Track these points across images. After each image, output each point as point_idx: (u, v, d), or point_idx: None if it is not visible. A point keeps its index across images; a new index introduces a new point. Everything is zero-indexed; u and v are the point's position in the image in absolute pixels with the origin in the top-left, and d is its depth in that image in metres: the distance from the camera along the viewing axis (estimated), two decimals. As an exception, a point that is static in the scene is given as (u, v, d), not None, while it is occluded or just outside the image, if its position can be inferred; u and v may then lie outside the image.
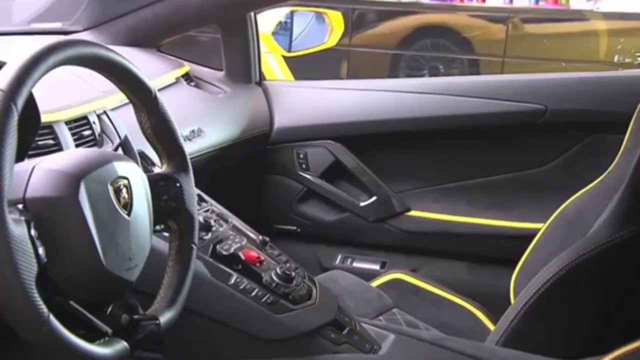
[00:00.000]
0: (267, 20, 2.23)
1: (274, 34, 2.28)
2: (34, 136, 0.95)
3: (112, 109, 1.31)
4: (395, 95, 1.90)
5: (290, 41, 2.19)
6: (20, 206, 0.75)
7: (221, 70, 1.92)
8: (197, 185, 1.01)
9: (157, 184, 0.94)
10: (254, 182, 1.98)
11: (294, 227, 1.96)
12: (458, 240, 1.85)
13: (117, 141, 1.22)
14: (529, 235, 1.44)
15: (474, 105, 1.80)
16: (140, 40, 1.73)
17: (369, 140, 1.91)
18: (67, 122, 1.18)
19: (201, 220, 1.19)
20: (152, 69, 1.65)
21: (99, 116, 1.27)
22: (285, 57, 2.60)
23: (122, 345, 0.80)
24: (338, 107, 1.92)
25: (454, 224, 1.84)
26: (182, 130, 1.05)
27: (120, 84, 0.91)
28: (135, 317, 0.86)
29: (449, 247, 1.87)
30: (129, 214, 0.84)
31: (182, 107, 1.61)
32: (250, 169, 1.96)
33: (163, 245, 0.99)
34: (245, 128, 1.81)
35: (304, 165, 1.93)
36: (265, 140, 1.91)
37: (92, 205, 0.79)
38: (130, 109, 0.95)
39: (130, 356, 0.83)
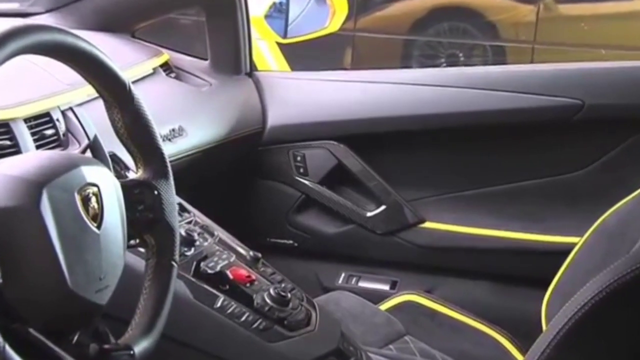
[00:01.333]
0: (259, 1, 2.24)
1: (266, 17, 2.30)
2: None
3: (79, 105, 1.32)
4: (408, 89, 1.91)
5: (286, 26, 2.20)
6: (-30, 218, 0.75)
7: (206, 59, 1.93)
8: (178, 193, 1.01)
9: (132, 192, 0.94)
10: (244, 188, 1.99)
11: (290, 241, 1.98)
12: (480, 256, 1.87)
13: (84, 142, 1.23)
14: (563, 251, 1.42)
15: (499, 100, 1.81)
16: (112, 24, 1.75)
17: (376, 140, 1.92)
18: (27, 120, 1.18)
19: (183, 233, 1.20)
20: (126, 57, 1.66)
21: (63, 113, 1.28)
22: (280, 44, 2.58)
23: (89, 379, 0.80)
24: (341, 101, 1.94)
25: (476, 238, 1.85)
26: (160, 129, 1.05)
27: (89, 75, 0.91)
28: (106, 346, 0.86)
29: (470, 265, 1.88)
30: (98, 227, 0.84)
31: (160, 102, 1.62)
32: (240, 174, 1.97)
33: (138, 263, 1.00)
34: (233, 126, 1.82)
35: (301, 169, 1.94)
36: (256, 140, 1.92)
37: (55, 216, 0.79)
38: (100, 105, 0.96)
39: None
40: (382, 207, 1.91)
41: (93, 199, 0.84)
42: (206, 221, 1.34)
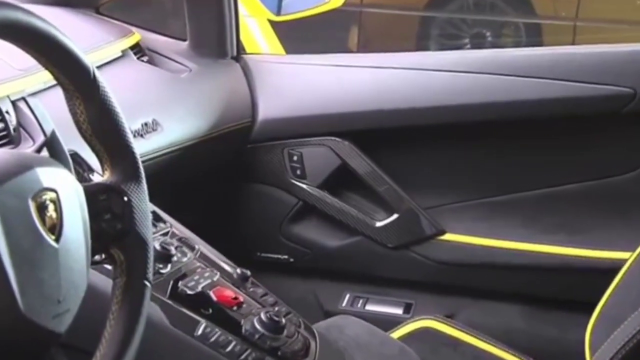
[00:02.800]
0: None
1: (257, -11, 2.28)
2: None
3: (33, 94, 1.32)
4: (425, 75, 1.91)
5: (280, 0, 2.21)
6: None
7: (184, 39, 1.95)
8: (152, 199, 1.01)
9: (97, 198, 0.94)
10: (230, 194, 2.00)
11: (285, 256, 2.00)
12: (511, 274, 1.88)
13: (40, 139, 1.23)
14: (610, 269, 1.43)
15: (534, 89, 1.81)
16: (72, -3, 1.76)
17: (387, 136, 1.93)
18: (-32, 113, 1.18)
19: (157, 247, 1.21)
20: (89, 38, 1.67)
21: (14, 103, 1.28)
22: (272, 22, 2.60)
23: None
24: (345, 90, 1.95)
25: (505, 253, 1.86)
26: (131, 124, 1.06)
27: (45, 59, 0.90)
28: (65, 382, 0.86)
29: (499, 285, 1.89)
30: (57, 240, 0.84)
31: (130, 90, 1.63)
32: (225, 176, 1.98)
33: (104, 283, 1.00)
34: (217, 120, 1.83)
35: (298, 171, 1.95)
36: (245, 136, 1.94)
37: (5, 227, 0.78)
38: (58, 94, 0.95)
39: None
40: (394, 216, 1.92)
41: (50, 207, 0.83)
42: (185, 233, 1.35)
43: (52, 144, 1.10)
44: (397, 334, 1.63)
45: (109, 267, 1.00)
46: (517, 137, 1.89)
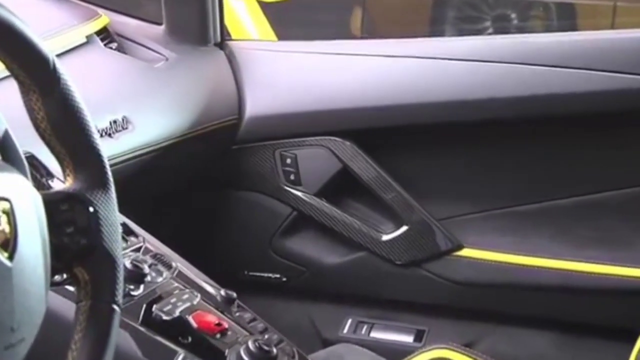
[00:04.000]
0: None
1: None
2: None
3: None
4: (439, 65, 1.91)
5: (271, -23, 2.20)
6: None
7: (160, 23, 1.96)
8: (122, 209, 1.00)
9: (58, 209, 0.93)
10: (213, 203, 2.01)
11: (277, 275, 2.01)
12: (541, 296, 1.89)
13: (-10, 139, 1.23)
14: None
15: (567, 81, 1.81)
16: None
17: (395, 136, 1.93)
18: None
19: (128, 265, 1.22)
20: (48, 21, 1.67)
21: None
22: (262, 4, 2.62)
23: None
24: (347, 83, 1.95)
25: (533, 271, 1.87)
26: (97, 121, 1.06)
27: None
28: None
29: (527, 308, 1.90)
30: (10, 258, 0.83)
31: (97, 83, 1.64)
32: (208, 183, 1.99)
33: (66, 307, 1.00)
34: (198, 116, 1.84)
35: (292, 176, 1.96)
36: (230, 135, 1.94)
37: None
38: (12, 87, 0.94)
39: None
40: (404, 228, 1.93)
41: (2, 219, 0.82)
42: (161, 248, 1.36)
43: (4, 146, 1.07)
44: (407, 365, 1.64)
45: (71, 288, 1.00)
46: (547, 137, 1.89)
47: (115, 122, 1.60)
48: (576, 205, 1.89)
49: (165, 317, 1.19)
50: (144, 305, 1.19)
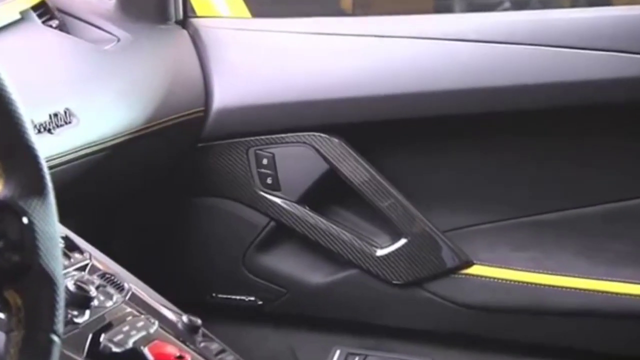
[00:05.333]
0: None
1: None
2: None
3: None
4: (445, 47, 1.87)
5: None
6: None
7: (110, -4, 1.92)
8: (63, 220, 0.98)
9: (-16, 221, 0.92)
10: (175, 212, 2.01)
11: (251, 298, 1.99)
12: (562, 321, 1.86)
13: None
14: None
15: (598, 65, 1.77)
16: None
17: (392, 132, 1.92)
18: None
19: (71, 287, 1.19)
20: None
21: None
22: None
23: None
24: (335, 68, 1.92)
25: (555, 292, 1.84)
26: (33, 114, 1.11)
27: None
28: None
29: (546, 336, 1.88)
30: None
31: (33, 68, 1.62)
32: (168, 187, 1.98)
33: (-5, 338, 0.97)
34: (157, 109, 1.80)
35: (269, 180, 1.92)
36: (195, 131, 1.92)
37: None
38: None
39: None
40: (402, 242, 1.90)
41: None
42: (111, 266, 1.34)
43: None
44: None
45: (1, 315, 1.00)
46: (573, 131, 1.87)
47: (55, 115, 1.56)
48: (607, 215, 1.88)
49: (115, 349, 1.17)
50: (90, 335, 1.17)
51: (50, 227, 0.95)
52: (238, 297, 1.98)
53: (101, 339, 1.17)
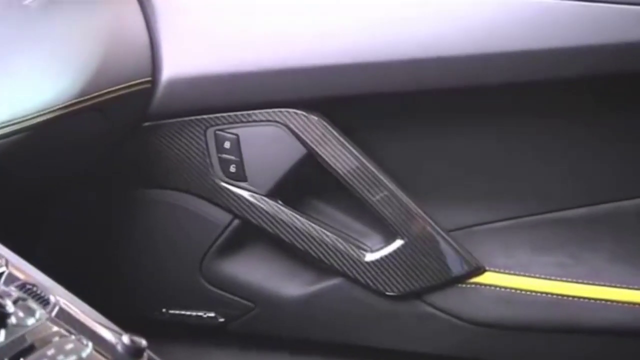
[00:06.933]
0: None
1: None
2: None
3: None
4: (446, 2, 1.80)
5: None
6: None
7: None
8: None
9: None
10: (114, 208, 1.98)
11: (211, 314, 1.96)
12: (595, 340, 1.85)
13: None
14: None
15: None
16: None
17: (385, 107, 1.86)
18: None
19: None
20: None
21: None
22: None
23: None
24: (311, 30, 1.85)
25: (587, 305, 1.83)
26: None
27: None
28: None
29: (574, 358, 1.89)
30: None
31: None
32: (105, 178, 1.93)
33: None
34: (90, 79, 1.71)
35: (232, 167, 1.87)
36: (140, 107, 1.85)
37: None
38: None
39: None
40: (398, 244, 1.86)
41: None
42: (34, 275, 1.26)
43: None
44: None
45: None
46: (608, 106, 1.82)
47: None
48: None
49: (38, 378, 1.13)
50: (7, 360, 1.15)
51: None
52: (194, 313, 1.96)
53: (20, 366, 1.15)
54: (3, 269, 1.26)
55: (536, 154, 1.90)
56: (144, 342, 1.21)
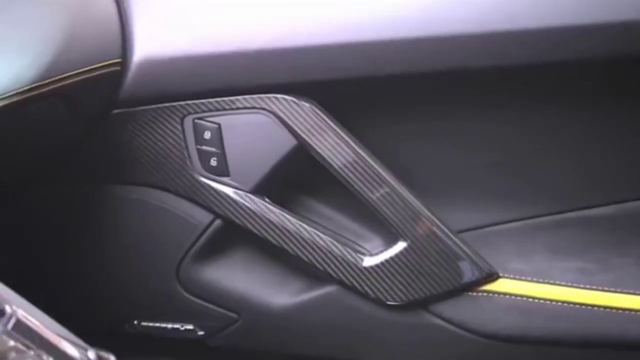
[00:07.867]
0: None
1: None
2: None
3: None
4: None
5: None
6: None
7: None
8: None
9: None
10: (80, 206, 1.95)
11: (189, 326, 1.97)
12: (625, 356, 1.82)
13: None
14: None
15: None
16: None
17: (385, 93, 1.86)
18: None
19: None
20: None
21: None
22: None
23: None
24: (302, 6, 1.83)
25: (613, 315, 1.80)
26: None
27: None
28: None
29: None
30: None
31: None
32: (69, 171, 1.92)
33: None
34: (53, 60, 1.68)
35: (213, 161, 1.85)
36: (109, 92, 1.82)
37: None
38: None
39: None
40: (400, 247, 1.84)
41: None
42: None
43: None
44: None
45: None
46: (635, 98, 1.82)
47: None
48: None
49: (-6, 399, 1.10)
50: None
51: None
52: (170, 326, 1.96)
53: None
54: (-47, 276, 1.29)
55: (556, 146, 1.90)
56: (112, 358, 1.19)
